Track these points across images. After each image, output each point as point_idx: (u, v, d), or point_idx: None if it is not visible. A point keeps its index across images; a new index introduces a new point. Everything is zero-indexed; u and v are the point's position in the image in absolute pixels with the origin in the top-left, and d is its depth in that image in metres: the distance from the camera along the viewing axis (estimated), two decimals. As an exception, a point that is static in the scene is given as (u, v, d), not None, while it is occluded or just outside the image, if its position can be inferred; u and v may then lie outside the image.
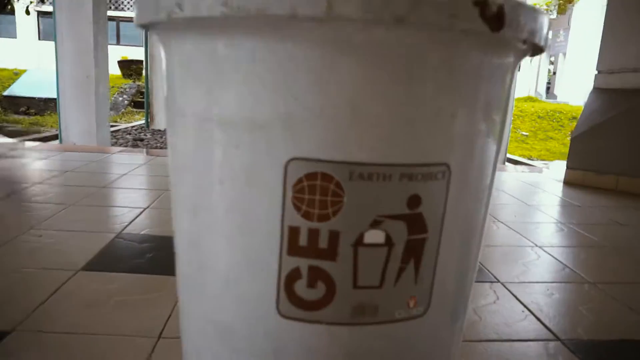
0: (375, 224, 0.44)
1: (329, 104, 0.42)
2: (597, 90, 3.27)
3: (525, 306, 1.27)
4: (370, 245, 0.45)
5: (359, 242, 0.45)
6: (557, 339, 1.11)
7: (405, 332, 0.50)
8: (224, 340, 0.54)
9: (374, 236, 0.45)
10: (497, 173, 0.55)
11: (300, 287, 0.46)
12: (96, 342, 1.00)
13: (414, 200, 0.45)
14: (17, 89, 9.16)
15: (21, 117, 8.85)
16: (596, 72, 3.26)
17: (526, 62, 18.05)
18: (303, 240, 0.45)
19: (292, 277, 0.46)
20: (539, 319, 1.20)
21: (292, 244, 0.45)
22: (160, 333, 1.04)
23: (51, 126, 7.80)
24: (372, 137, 0.43)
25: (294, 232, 0.44)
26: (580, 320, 1.21)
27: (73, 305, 1.14)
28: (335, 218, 0.44)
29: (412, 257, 0.47)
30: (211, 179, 0.47)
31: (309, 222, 0.44)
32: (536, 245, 1.80)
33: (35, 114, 9.09)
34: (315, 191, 0.43)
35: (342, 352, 0.49)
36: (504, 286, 1.40)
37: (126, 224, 1.80)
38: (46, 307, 1.13)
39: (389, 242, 0.45)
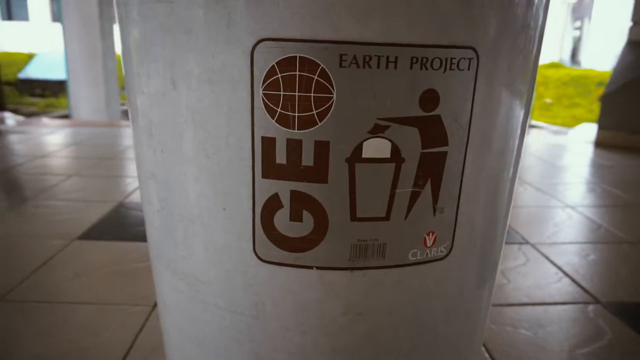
0: (377, 130, 0.33)
1: (309, -41, 0.30)
2: (631, 44, 3.03)
3: (558, 268, 1.15)
4: (371, 161, 0.33)
5: (356, 156, 0.33)
6: (597, 301, 0.99)
7: (423, 280, 0.38)
8: (197, 296, 0.43)
9: (377, 147, 0.33)
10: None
11: (282, 220, 0.35)
12: (85, 310, 0.92)
13: (430, 98, 0.33)
14: (31, 71, 9.15)
15: (36, 99, 8.87)
16: (630, 24, 3.01)
17: (550, 27, 17.31)
18: (281, 155, 0.33)
19: (270, 207, 0.35)
20: (575, 281, 1.08)
21: (266, 161, 0.34)
22: (156, 301, 0.96)
23: (65, 108, 7.80)
24: (371, 5, 0.31)
25: (268, 144, 0.33)
26: (622, 282, 1.08)
27: (64, 274, 1.06)
28: (322, 123, 0.32)
29: (428, 177, 0.35)
30: (162, 80, 0.36)
31: (287, 130, 0.33)
32: (567, 206, 1.66)
33: (51, 96, 9.10)
34: (293, 85, 0.31)
35: (340, 307, 0.38)
36: (534, 247, 1.27)
37: (130, 192, 1.72)
38: (36, 276, 1.05)
39: (396, 156, 0.33)
